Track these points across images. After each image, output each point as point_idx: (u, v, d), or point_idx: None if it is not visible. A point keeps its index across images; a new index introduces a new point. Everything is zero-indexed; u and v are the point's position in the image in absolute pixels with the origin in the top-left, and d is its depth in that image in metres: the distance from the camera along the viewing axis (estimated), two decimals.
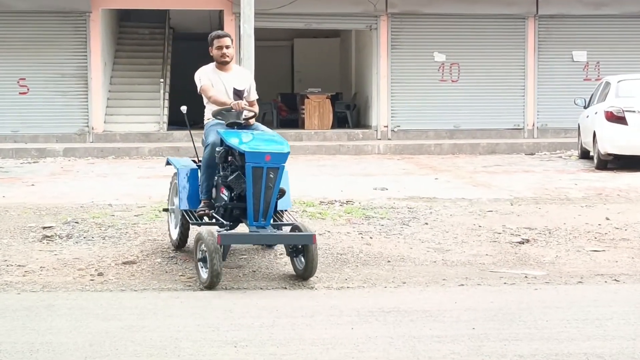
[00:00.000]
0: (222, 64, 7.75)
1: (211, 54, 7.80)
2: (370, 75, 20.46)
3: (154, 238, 8.58)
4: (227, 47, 7.69)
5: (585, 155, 16.67)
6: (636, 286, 7.07)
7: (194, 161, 7.92)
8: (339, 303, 6.34)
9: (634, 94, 15.25)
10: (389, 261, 7.74)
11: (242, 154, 6.78)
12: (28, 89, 19.14)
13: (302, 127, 20.86)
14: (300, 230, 6.93)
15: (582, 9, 20.25)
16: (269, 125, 18.89)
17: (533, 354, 5.07)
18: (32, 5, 18.88)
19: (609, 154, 15.00)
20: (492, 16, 20.26)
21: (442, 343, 5.29)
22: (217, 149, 7.09)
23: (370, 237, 8.54)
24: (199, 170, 7.49)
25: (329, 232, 8.72)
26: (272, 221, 7.07)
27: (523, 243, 8.51)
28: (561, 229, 9.06)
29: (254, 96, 7.94)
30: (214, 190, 7.35)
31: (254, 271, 7.41)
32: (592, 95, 16.78)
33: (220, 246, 6.57)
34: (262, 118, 12.98)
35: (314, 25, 20.67)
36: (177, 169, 7.63)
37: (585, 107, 16.72)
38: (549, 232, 8.94)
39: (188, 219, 7.35)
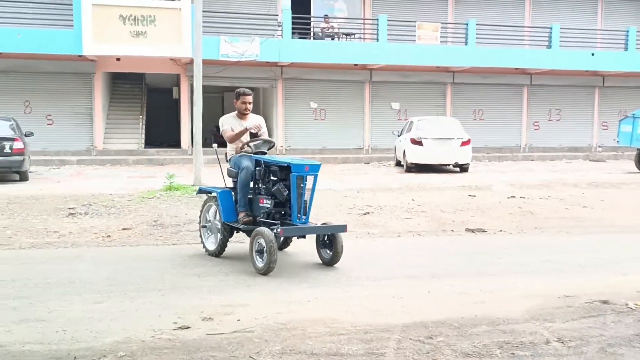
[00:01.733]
0: (243, 114, 6.32)
1: (235, 105, 6.36)
2: (272, 115, 20.43)
3: (142, 214, 8.44)
4: (250, 103, 6.29)
5: (398, 164, 17.13)
6: (432, 237, 7.39)
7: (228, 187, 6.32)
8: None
9: (426, 128, 15.83)
10: None
11: (286, 168, 5.55)
12: (53, 122, 18.32)
13: None
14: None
15: (397, 78, 20.83)
16: (208, 145, 18.92)
17: (375, 276, 5.31)
18: (57, 68, 18.04)
19: (413, 163, 15.58)
20: (344, 81, 20.57)
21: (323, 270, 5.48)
22: (257, 169, 5.84)
23: None
24: (231, 191, 6.10)
25: None
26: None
27: (366, 214, 8.73)
28: (387, 206, 9.34)
29: (266, 133, 6.39)
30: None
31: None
32: (402, 128, 17.22)
33: (280, 239, 5.69)
34: (204, 142, 12.77)
35: (236, 84, 20.43)
36: (217, 192, 6.06)
37: (398, 136, 17.21)
38: (380, 208, 9.20)
39: (235, 226, 5.90)
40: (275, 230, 5.28)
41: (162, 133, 21.88)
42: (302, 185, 5.49)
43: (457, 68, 20.78)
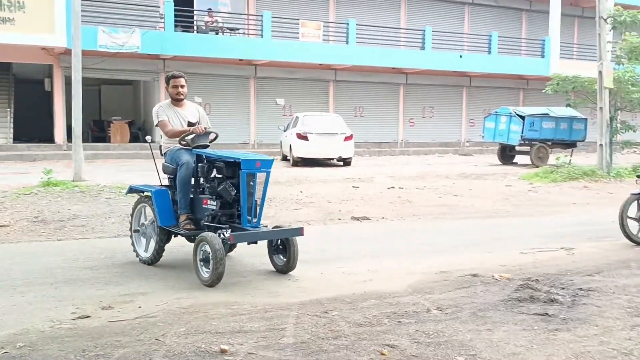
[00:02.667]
0: (177, 101, 5.54)
1: (167, 91, 5.59)
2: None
3: (20, 210, 8.00)
4: (182, 86, 5.47)
5: (285, 158, 17.47)
6: (321, 226, 7.73)
7: (165, 185, 5.57)
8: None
9: (311, 123, 16.30)
10: None
11: (234, 164, 4.85)
12: None
13: (109, 141, 19.78)
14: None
15: (281, 74, 21.16)
16: (85, 140, 18.01)
17: (270, 263, 5.43)
18: None
19: (299, 158, 15.98)
20: (229, 76, 20.60)
21: None
22: (199, 165, 5.08)
23: None
24: (168, 190, 5.34)
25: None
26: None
27: None
28: (277, 198, 9.54)
29: (206, 124, 5.57)
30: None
31: (90, 228, 7.26)
32: (288, 124, 17.56)
33: (228, 245, 4.79)
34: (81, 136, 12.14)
35: (115, 76, 19.75)
36: (152, 192, 5.24)
37: (284, 131, 17.55)
38: (271, 200, 9.29)
39: (174, 231, 5.16)
40: (223, 236, 4.62)
41: (33, 127, 20.49)
42: (252, 183, 4.81)
43: (339, 66, 21.53)
